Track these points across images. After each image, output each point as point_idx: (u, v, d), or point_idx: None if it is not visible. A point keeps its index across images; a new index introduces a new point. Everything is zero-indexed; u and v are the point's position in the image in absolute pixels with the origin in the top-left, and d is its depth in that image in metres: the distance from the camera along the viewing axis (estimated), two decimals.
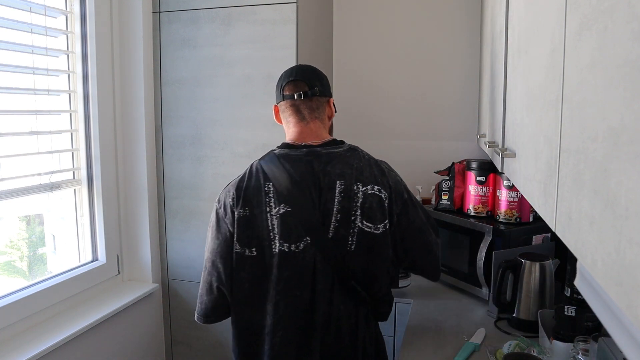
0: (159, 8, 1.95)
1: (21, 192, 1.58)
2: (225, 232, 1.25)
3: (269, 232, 1.21)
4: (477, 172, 1.84)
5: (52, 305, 1.65)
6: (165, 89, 1.99)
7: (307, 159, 1.24)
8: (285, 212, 1.20)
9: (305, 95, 1.28)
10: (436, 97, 2.36)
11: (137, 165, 1.97)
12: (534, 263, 1.52)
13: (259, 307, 1.24)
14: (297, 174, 1.22)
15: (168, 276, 2.09)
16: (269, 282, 1.22)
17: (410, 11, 2.35)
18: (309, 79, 1.30)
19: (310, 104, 1.29)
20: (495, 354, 1.33)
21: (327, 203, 1.21)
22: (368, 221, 1.22)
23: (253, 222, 1.21)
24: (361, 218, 1.21)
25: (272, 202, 1.21)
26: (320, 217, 1.21)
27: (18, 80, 1.61)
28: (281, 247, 1.20)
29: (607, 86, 0.44)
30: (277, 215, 1.20)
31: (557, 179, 0.63)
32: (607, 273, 0.43)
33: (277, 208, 1.20)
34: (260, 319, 1.24)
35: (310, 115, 1.29)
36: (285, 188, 1.20)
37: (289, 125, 1.32)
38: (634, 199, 0.37)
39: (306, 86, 1.28)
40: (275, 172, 1.23)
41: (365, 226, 1.22)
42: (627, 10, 0.40)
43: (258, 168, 1.26)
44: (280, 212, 1.20)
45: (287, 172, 1.22)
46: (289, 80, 1.30)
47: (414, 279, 2.01)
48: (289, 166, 1.23)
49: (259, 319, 1.24)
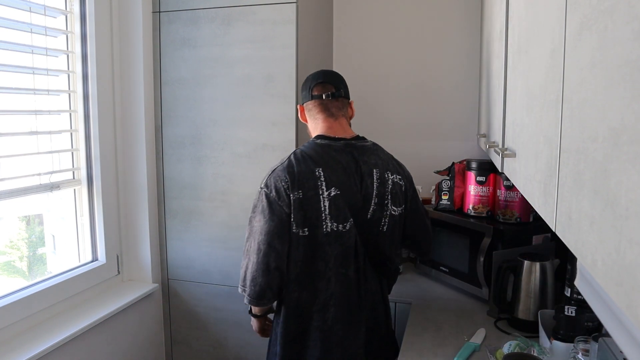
0: (158, 8, 1.95)
1: (21, 192, 1.58)
2: (281, 213, 1.32)
3: (321, 212, 1.33)
4: (477, 172, 1.84)
5: (52, 305, 1.65)
6: (165, 88, 1.99)
7: (347, 149, 1.40)
8: (335, 194, 1.34)
9: (333, 96, 1.43)
10: (436, 97, 2.36)
11: (137, 165, 1.97)
12: (534, 263, 1.52)
13: (310, 285, 1.35)
14: (343, 161, 1.37)
15: (168, 276, 2.09)
16: (319, 261, 1.34)
17: (410, 11, 2.35)
18: (335, 82, 1.46)
19: (337, 103, 1.44)
20: (495, 354, 1.33)
21: (367, 188, 1.38)
22: (394, 205, 1.42)
23: (306, 203, 1.32)
24: (391, 203, 1.42)
25: (324, 186, 1.33)
26: (361, 200, 1.37)
27: (18, 80, 1.61)
28: (332, 227, 1.34)
29: (607, 86, 0.44)
30: (328, 197, 1.33)
31: (557, 179, 0.63)
32: (607, 273, 0.43)
33: (329, 191, 1.33)
34: (310, 297, 1.35)
35: (337, 113, 1.44)
36: (334, 173, 1.35)
37: (317, 121, 1.45)
38: (634, 199, 0.37)
39: (333, 88, 1.44)
40: (324, 158, 1.36)
41: (391, 209, 1.42)
42: (627, 10, 0.40)
43: (304, 155, 1.36)
44: (332, 195, 1.33)
45: (334, 159, 1.36)
46: (317, 82, 1.45)
47: (413, 279, 2.01)
48: (334, 154, 1.37)
49: (308, 297, 1.36)
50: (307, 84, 1.47)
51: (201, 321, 2.08)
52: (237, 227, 1.96)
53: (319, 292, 1.35)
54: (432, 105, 2.36)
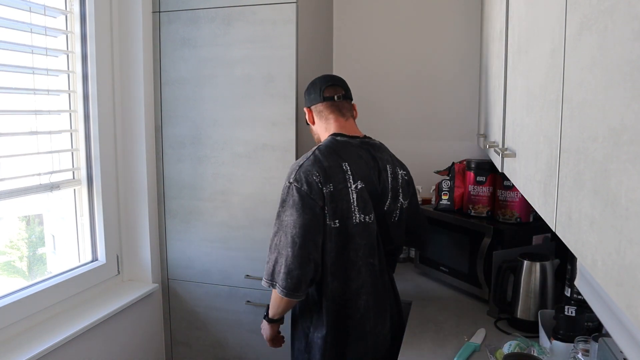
0: (158, 8, 1.95)
1: (21, 192, 1.58)
2: (314, 206, 1.35)
3: (350, 204, 1.39)
4: (477, 172, 1.84)
5: (52, 305, 1.65)
6: (165, 88, 1.99)
7: (364, 146, 1.49)
8: (361, 187, 1.41)
9: (344, 97, 1.53)
10: (436, 96, 2.36)
11: (137, 165, 1.97)
12: (534, 263, 1.52)
13: (342, 275, 1.41)
14: (364, 156, 1.46)
15: (168, 276, 2.09)
16: (351, 251, 1.40)
17: (410, 11, 2.35)
18: (343, 85, 1.56)
19: (346, 104, 1.54)
20: (495, 354, 1.33)
21: (384, 182, 1.49)
22: (403, 198, 1.54)
23: (337, 196, 1.37)
24: (402, 196, 1.54)
25: (351, 179, 1.40)
26: (380, 193, 1.46)
27: (18, 80, 1.61)
28: (360, 218, 1.40)
29: (607, 86, 0.44)
30: (355, 190, 1.40)
31: (557, 179, 0.63)
32: (607, 273, 0.43)
33: (356, 184, 1.40)
34: (342, 286, 1.41)
35: (347, 114, 1.53)
36: (358, 167, 1.42)
37: (329, 121, 1.52)
38: (634, 199, 0.37)
39: (342, 90, 1.54)
40: (347, 153, 1.43)
41: (401, 202, 1.53)
42: (627, 10, 0.40)
43: (329, 150, 1.42)
44: (358, 188, 1.40)
45: (356, 154, 1.45)
46: (328, 84, 1.53)
47: (413, 279, 2.01)
48: (355, 149, 1.45)
49: (341, 286, 1.41)
50: (316, 87, 1.53)
51: (201, 321, 2.08)
52: (237, 227, 1.96)
53: (351, 281, 1.41)
54: (432, 105, 2.36)
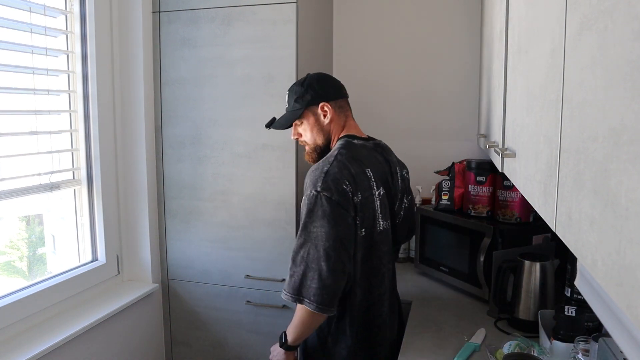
0: (158, 8, 1.95)
1: (21, 192, 1.58)
2: (346, 217, 1.28)
3: (375, 212, 1.35)
4: (477, 172, 1.84)
5: (52, 305, 1.65)
6: (165, 88, 1.99)
7: (378, 149, 1.47)
8: (383, 193, 1.38)
9: None
10: (436, 97, 2.36)
11: (137, 165, 1.97)
12: (534, 263, 1.52)
13: (366, 283, 1.37)
14: (380, 160, 1.44)
15: (168, 276, 2.09)
16: (374, 259, 1.37)
17: (410, 11, 2.35)
18: None
19: None
20: (495, 354, 1.33)
21: (396, 185, 1.48)
22: (406, 198, 1.56)
23: (365, 205, 1.32)
24: (407, 196, 1.56)
25: (375, 186, 1.36)
26: (393, 196, 1.46)
27: (18, 80, 1.61)
28: (383, 225, 1.39)
29: (607, 86, 0.44)
30: (379, 197, 1.37)
31: (557, 179, 0.63)
32: (608, 273, 0.43)
33: (378, 191, 1.37)
34: (367, 294, 1.38)
35: None
36: (378, 172, 1.39)
37: (347, 119, 1.48)
38: (634, 199, 0.37)
39: None
40: (369, 159, 1.39)
41: (405, 202, 1.55)
42: (627, 10, 0.40)
43: (352, 155, 1.35)
44: (381, 194, 1.37)
45: (374, 159, 1.42)
46: (339, 82, 1.49)
47: (413, 279, 2.01)
48: (372, 154, 1.43)
49: (365, 294, 1.38)
50: (334, 82, 1.48)
51: (201, 321, 2.08)
52: (237, 227, 1.96)
53: (373, 288, 1.39)
54: (432, 105, 2.36)
